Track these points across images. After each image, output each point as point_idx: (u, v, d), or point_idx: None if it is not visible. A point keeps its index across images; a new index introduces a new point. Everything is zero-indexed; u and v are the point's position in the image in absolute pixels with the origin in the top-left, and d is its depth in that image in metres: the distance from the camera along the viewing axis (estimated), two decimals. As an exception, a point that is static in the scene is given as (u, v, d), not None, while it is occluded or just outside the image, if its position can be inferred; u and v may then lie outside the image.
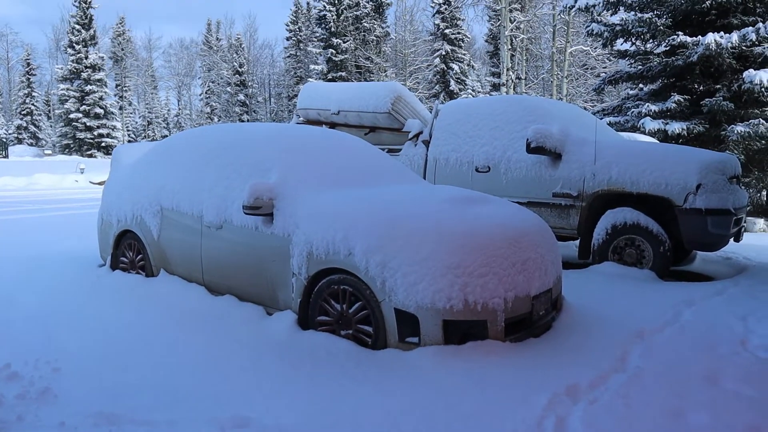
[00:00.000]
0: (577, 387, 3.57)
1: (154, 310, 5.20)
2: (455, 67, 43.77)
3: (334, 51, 47.48)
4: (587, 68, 32.78)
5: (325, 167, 5.24)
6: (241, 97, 64.68)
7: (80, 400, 3.48)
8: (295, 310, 4.66)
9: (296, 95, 65.68)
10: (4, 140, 49.00)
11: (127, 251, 6.29)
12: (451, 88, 43.40)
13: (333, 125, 9.78)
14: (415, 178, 5.97)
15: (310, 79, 48.60)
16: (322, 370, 3.92)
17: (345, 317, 4.38)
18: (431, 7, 44.85)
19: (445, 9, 43.34)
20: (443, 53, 43.51)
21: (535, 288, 4.35)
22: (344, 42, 47.18)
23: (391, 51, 47.85)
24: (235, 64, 65.56)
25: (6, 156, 43.72)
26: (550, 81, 33.88)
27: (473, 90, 46.23)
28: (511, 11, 28.28)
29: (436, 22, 44.01)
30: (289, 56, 64.14)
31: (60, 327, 4.80)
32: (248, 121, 62.60)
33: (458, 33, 44.01)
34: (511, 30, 28.22)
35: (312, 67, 50.09)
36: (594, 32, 13.60)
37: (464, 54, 45.07)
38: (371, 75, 44.75)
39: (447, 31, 43.49)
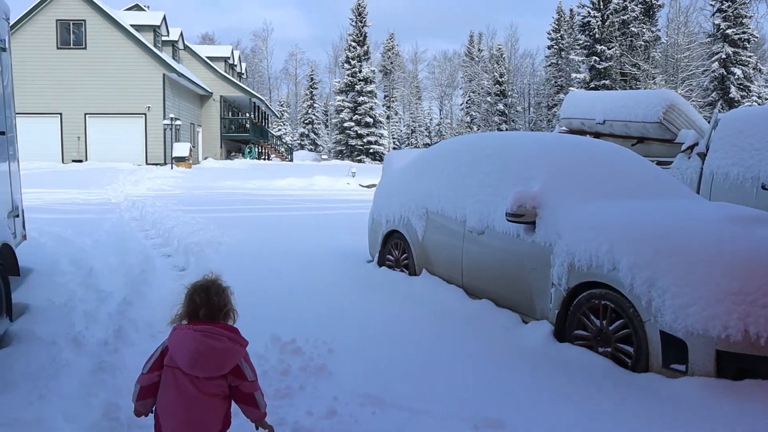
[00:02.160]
0: None
1: (415, 306, 5.53)
2: (737, 71, 39.38)
3: (597, 58, 45.73)
4: None
5: (591, 177, 5.11)
6: (501, 106, 65.35)
7: (350, 380, 3.85)
8: (552, 321, 4.61)
9: (556, 105, 64.70)
10: (290, 146, 55.70)
11: (394, 250, 6.77)
12: (731, 95, 39.13)
13: (597, 135, 9.46)
14: (689, 193, 5.54)
15: (571, 89, 47.38)
16: (577, 385, 3.83)
17: (604, 334, 4.22)
18: (710, 5, 40.93)
19: (728, 6, 39.21)
20: (723, 56, 39.41)
21: (838, 326, 3.76)
22: (609, 48, 45.16)
23: (661, 56, 44.63)
24: (496, 74, 66.45)
25: (291, 160, 49.59)
26: None
27: (759, 97, 41.14)
28: (813, 6, 24.53)
29: (716, 22, 40.04)
30: (549, 65, 63.35)
31: (334, 313, 5.35)
32: (507, 130, 63.02)
33: (743, 33, 39.52)
34: (813, 28, 24.46)
35: (573, 75, 48.84)
36: None
37: (749, 56, 40.34)
38: (637, 83, 42.18)
39: (729, 31, 39.31)
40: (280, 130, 71.74)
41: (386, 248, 6.94)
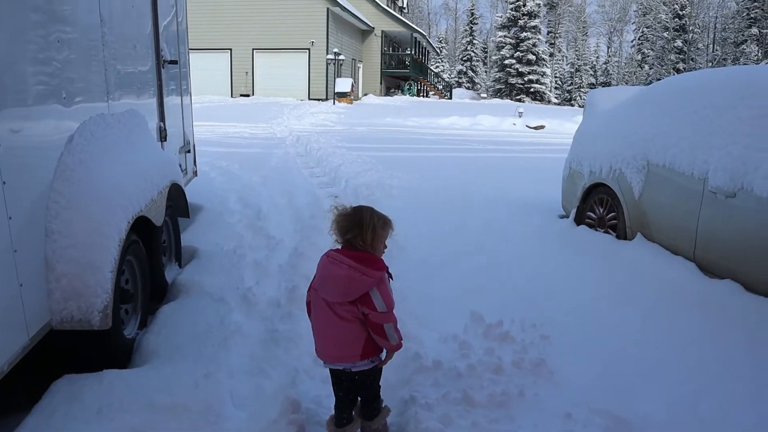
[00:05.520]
0: None
1: (631, 280, 4.49)
2: None
3: (808, -15, 39.46)
4: None
5: None
6: (679, 43, 59.25)
7: (579, 386, 2.97)
8: (842, 322, 3.41)
9: (746, 40, 57.59)
10: (449, 83, 54.27)
11: (597, 207, 5.69)
12: None
13: None
14: None
15: (770, 21, 41.49)
16: None
17: None
18: None
19: None
20: None
21: None
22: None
23: None
24: (676, 6, 60.01)
25: (450, 97, 48.31)
26: None
27: None
28: None
29: None
30: (743, -6, 56.10)
31: (533, 281, 4.47)
32: (684, 70, 57.19)
33: None
34: None
35: (775, 6, 42.67)
36: None
37: None
38: None
39: None
40: (438, 66, 70.29)
41: (587, 204, 5.86)
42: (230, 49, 33.48)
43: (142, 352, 3.24)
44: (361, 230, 2.43)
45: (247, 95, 33.33)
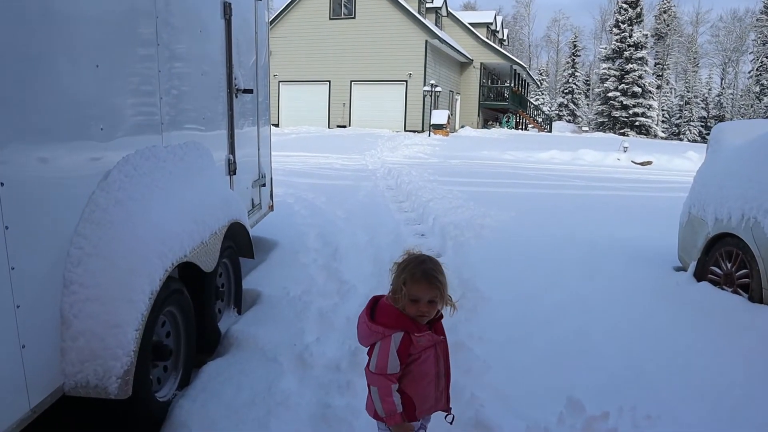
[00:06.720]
0: None
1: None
2: None
3: None
4: None
5: None
6: (808, 73, 55.19)
7: None
8: None
9: None
10: (549, 116, 52.84)
11: (724, 261, 4.82)
12: None
13: None
14: None
15: None
16: None
17: None
18: None
19: None
20: None
21: None
22: None
23: None
24: (801, 35, 56.03)
25: (549, 130, 46.94)
26: None
27: None
28: None
29: None
30: None
31: (646, 353, 3.70)
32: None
33: None
34: None
35: None
36: None
37: None
38: None
39: None
40: (538, 99, 68.88)
41: (710, 256, 5.01)
42: (329, 81, 34.00)
43: (173, 421, 2.79)
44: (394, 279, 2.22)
45: (344, 126, 33.61)
